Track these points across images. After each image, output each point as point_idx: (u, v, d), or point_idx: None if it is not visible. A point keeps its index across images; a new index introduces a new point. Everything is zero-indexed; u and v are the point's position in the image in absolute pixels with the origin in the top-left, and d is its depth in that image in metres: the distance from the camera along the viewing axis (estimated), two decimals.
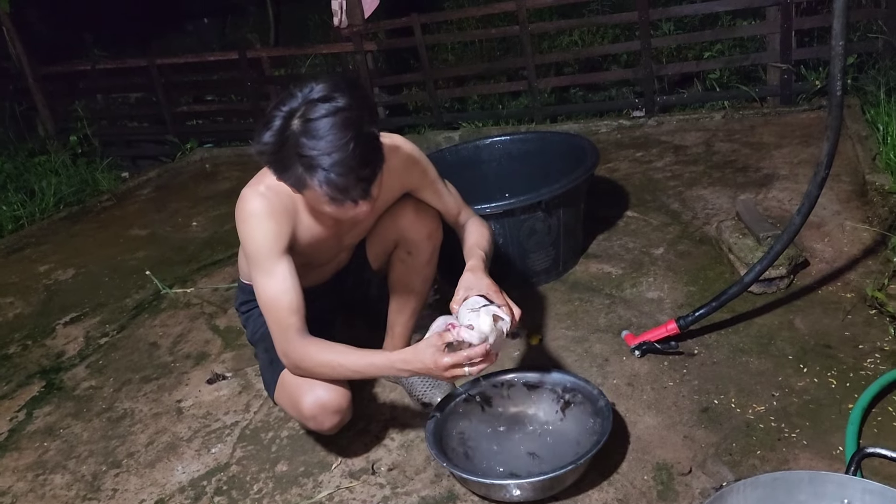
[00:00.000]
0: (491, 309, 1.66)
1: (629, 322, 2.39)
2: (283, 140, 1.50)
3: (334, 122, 1.48)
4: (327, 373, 1.78)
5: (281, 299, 1.73)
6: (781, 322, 2.25)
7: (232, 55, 5.46)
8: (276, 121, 1.51)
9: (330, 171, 1.48)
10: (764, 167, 3.39)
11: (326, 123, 1.48)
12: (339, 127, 1.48)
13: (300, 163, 1.50)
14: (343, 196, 1.53)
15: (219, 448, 2.16)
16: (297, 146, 1.49)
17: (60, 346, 2.98)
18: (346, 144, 1.48)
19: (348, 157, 1.48)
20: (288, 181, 1.57)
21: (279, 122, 1.51)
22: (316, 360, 1.75)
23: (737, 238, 2.55)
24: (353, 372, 1.76)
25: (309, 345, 1.75)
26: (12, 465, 2.27)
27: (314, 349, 1.75)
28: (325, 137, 1.47)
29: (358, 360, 1.73)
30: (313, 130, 1.48)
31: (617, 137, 4.30)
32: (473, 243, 1.95)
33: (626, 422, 1.95)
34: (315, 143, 1.47)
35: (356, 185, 1.52)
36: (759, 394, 1.97)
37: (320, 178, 1.49)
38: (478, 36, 5.51)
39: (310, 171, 1.50)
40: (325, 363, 1.75)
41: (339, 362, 1.74)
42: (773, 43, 4.16)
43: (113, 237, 4.17)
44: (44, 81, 6.04)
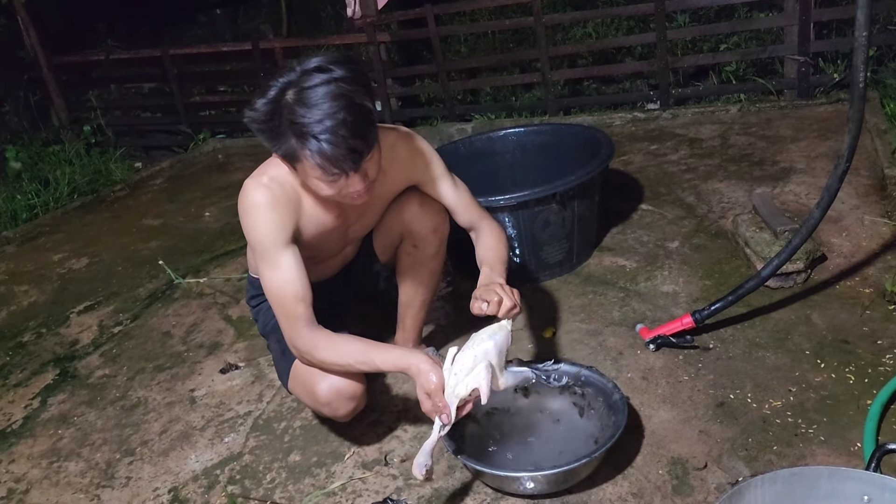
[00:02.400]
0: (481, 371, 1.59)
1: (643, 315, 2.38)
2: (276, 108, 1.51)
3: (328, 91, 1.48)
4: (335, 368, 1.79)
5: (286, 289, 1.73)
6: (798, 317, 2.22)
7: (245, 46, 5.46)
8: (271, 90, 1.52)
9: (321, 139, 1.47)
10: (781, 161, 3.35)
11: (320, 92, 1.48)
12: (332, 96, 1.48)
13: (292, 131, 1.50)
14: (333, 167, 1.51)
15: (232, 437, 2.16)
16: (289, 114, 1.49)
17: (74, 335, 2.99)
18: (338, 113, 1.47)
19: (339, 125, 1.48)
20: (280, 151, 1.57)
21: (274, 91, 1.52)
22: (323, 355, 1.75)
23: (753, 232, 2.53)
24: (360, 369, 1.77)
25: (318, 338, 1.74)
26: (27, 452, 2.29)
27: (322, 344, 1.74)
28: (318, 106, 1.47)
29: (363, 360, 1.72)
30: (306, 99, 1.48)
31: (631, 130, 4.26)
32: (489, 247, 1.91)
33: (640, 416, 1.93)
34: (307, 112, 1.47)
35: (347, 155, 1.51)
36: (776, 389, 1.95)
37: (311, 146, 1.49)
38: (491, 27, 5.48)
39: (301, 140, 1.50)
40: (332, 361, 1.75)
41: (347, 361, 1.74)
42: (790, 35, 4.11)
43: (126, 227, 4.18)
44: (58, 71, 6.06)
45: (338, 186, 1.59)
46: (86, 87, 6.28)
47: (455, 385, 1.59)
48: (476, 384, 1.57)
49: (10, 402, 2.59)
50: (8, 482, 2.16)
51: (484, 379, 1.56)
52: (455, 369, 1.60)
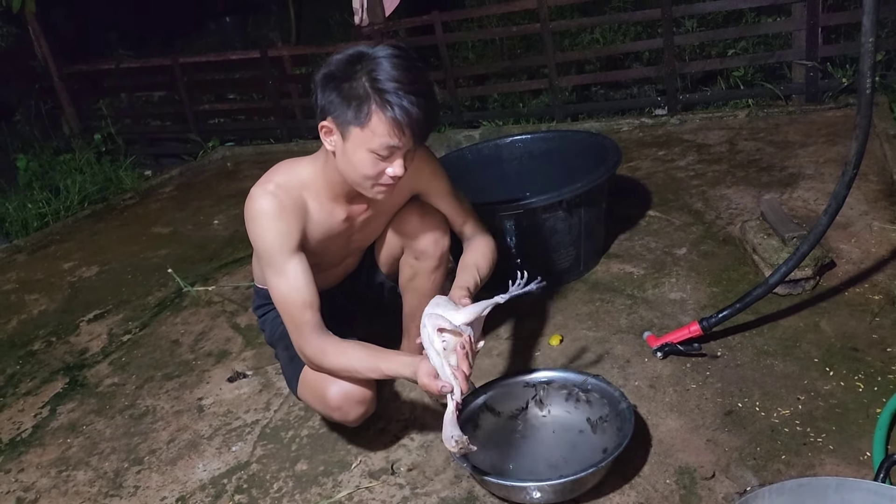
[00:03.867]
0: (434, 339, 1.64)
1: (651, 323, 2.37)
2: (356, 65, 1.54)
3: (407, 64, 1.56)
4: (343, 375, 1.81)
5: (294, 296, 1.74)
6: (807, 324, 2.21)
7: (254, 54, 5.49)
8: (347, 51, 1.57)
9: (403, 96, 1.52)
10: (789, 166, 3.34)
11: (399, 62, 1.55)
12: (411, 69, 1.56)
13: (371, 87, 1.53)
14: (409, 126, 1.55)
15: (239, 446, 2.17)
16: (372, 71, 1.53)
17: (84, 343, 3.01)
18: (418, 82, 1.55)
19: (420, 91, 1.54)
20: (346, 111, 1.56)
21: (353, 51, 1.57)
22: (332, 360, 1.77)
23: (761, 238, 2.51)
24: (367, 376, 1.78)
25: (326, 344, 1.76)
26: (36, 460, 2.30)
27: (330, 350, 1.76)
28: (399, 71, 1.53)
29: (369, 367, 1.75)
30: (386, 64, 1.54)
31: (639, 136, 4.26)
32: (471, 263, 1.95)
33: (647, 424, 1.92)
34: (389, 73, 1.53)
35: (423, 119, 1.56)
36: (784, 397, 1.93)
37: (393, 100, 1.52)
38: (498, 34, 5.48)
39: (381, 95, 1.53)
40: (341, 367, 1.78)
41: (355, 367, 1.76)
42: (798, 40, 4.09)
43: (136, 235, 4.20)
44: (69, 80, 6.12)
45: (384, 163, 1.62)
46: (96, 96, 6.34)
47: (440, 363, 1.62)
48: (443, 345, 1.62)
49: (19, 410, 2.60)
50: (17, 491, 2.17)
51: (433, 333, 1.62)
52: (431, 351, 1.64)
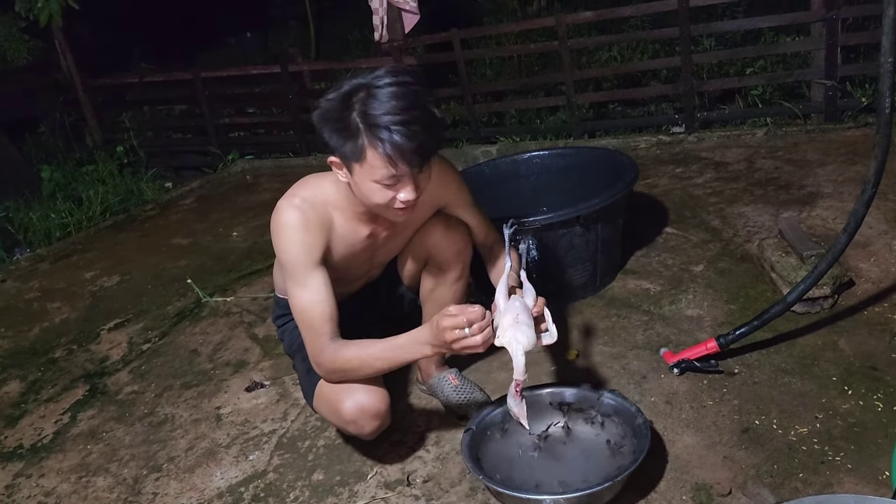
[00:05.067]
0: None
1: (667, 339, 2.37)
2: (348, 102, 1.57)
3: (402, 92, 1.56)
4: (357, 367, 1.78)
5: (314, 310, 1.76)
6: (825, 343, 2.20)
7: (274, 69, 5.56)
8: (343, 87, 1.59)
9: (393, 129, 1.53)
10: (808, 185, 3.33)
11: (393, 92, 1.56)
12: (406, 97, 1.56)
13: (363, 122, 1.55)
14: (401, 159, 1.56)
15: (256, 455, 2.19)
16: (362, 106, 1.55)
17: (104, 352, 3.05)
18: (412, 110, 1.55)
19: (412, 120, 1.55)
20: (343, 147, 1.60)
21: (347, 87, 1.59)
22: (343, 356, 1.76)
23: (779, 256, 2.51)
24: (381, 360, 1.75)
25: (338, 347, 1.77)
26: (57, 466, 2.33)
27: (341, 348, 1.77)
28: (391, 102, 1.55)
29: (382, 346, 1.74)
30: (380, 96, 1.55)
31: (656, 153, 4.27)
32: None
33: (664, 440, 1.92)
34: (381, 105, 1.55)
35: (417, 149, 1.56)
36: (802, 415, 1.93)
37: (383, 136, 1.54)
38: (516, 51, 5.52)
39: (372, 131, 1.54)
40: (353, 356, 1.76)
41: (367, 352, 1.75)
42: (817, 59, 4.10)
43: (156, 245, 4.26)
44: (93, 93, 6.23)
45: (392, 191, 1.63)
46: (119, 109, 6.44)
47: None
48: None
49: (41, 416, 2.64)
50: (38, 496, 2.20)
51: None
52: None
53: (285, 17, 9.30)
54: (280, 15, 9.40)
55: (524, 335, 1.62)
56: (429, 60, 5.42)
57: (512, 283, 1.86)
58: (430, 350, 1.69)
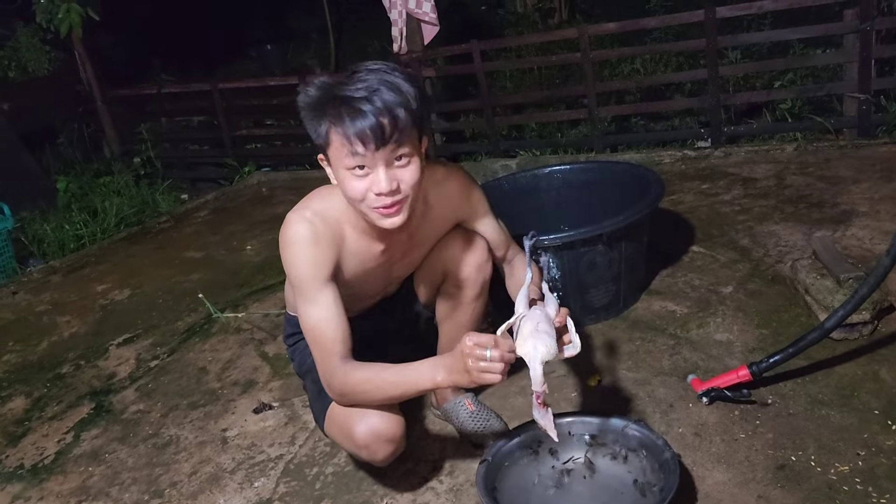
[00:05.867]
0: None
1: (695, 365, 2.25)
2: (326, 90, 1.51)
3: (374, 69, 1.51)
4: (369, 391, 1.67)
5: (324, 327, 1.66)
6: (865, 372, 2.07)
7: (292, 80, 5.52)
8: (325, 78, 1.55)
9: (351, 103, 1.46)
10: (841, 203, 3.20)
11: (365, 74, 1.50)
12: (377, 73, 1.49)
13: (332, 104, 1.48)
14: (358, 138, 1.46)
15: (262, 482, 2.09)
16: (334, 89, 1.50)
17: (112, 368, 2.97)
18: (376, 87, 1.47)
19: (373, 95, 1.46)
20: (315, 134, 1.55)
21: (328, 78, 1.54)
22: (355, 378, 1.65)
23: (814, 279, 2.38)
24: (393, 384, 1.64)
25: (350, 369, 1.67)
26: (56, 489, 2.25)
27: (353, 370, 1.67)
28: (358, 83, 1.48)
29: (397, 370, 1.63)
30: (355, 77, 1.50)
31: (681, 168, 4.14)
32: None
33: (693, 476, 1.80)
34: (348, 83, 1.49)
35: (374, 126, 1.45)
36: (842, 452, 1.80)
37: (341, 110, 1.47)
38: (537, 63, 5.45)
39: (333, 106, 1.48)
40: (365, 379, 1.65)
41: (380, 376, 1.64)
42: (850, 72, 3.97)
43: (169, 258, 4.20)
44: (111, 104, 6.23)
45: (365, 182, 1.54)
46: (138, 120, 6.43)
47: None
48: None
49: (44, 435, 2.56)
50: None
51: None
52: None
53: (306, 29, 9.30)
54: (301, 28, 9.40)
55: (544, 344, 1.52)
56: (448, 72, 5.35)
57: (533, 297, 1.76)
58: (443, 375, 1.58)
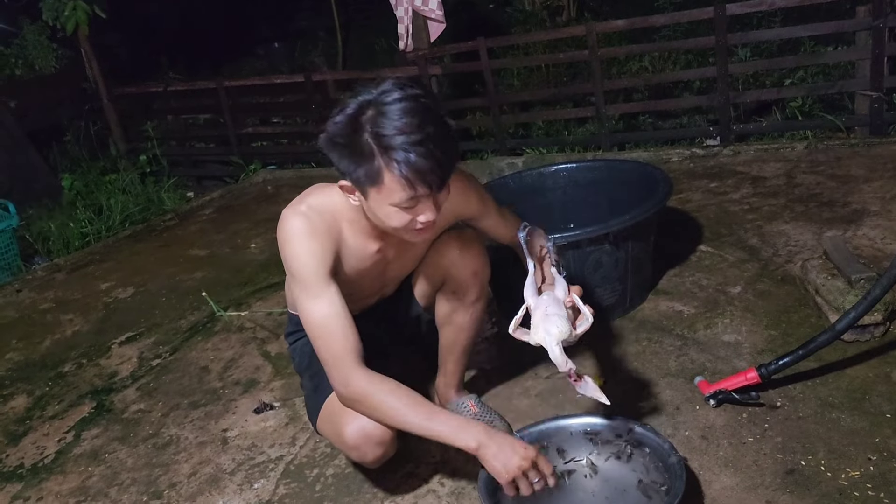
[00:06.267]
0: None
1: (703, 367, 2.20)
2: (357, 123, 1.44)
3: (413, 108, 1.44)
4: (385, 419, 1.63)
5: (331, 322, 1.62)
6: (877, 375, 2.02)
7: (297, 78, 5.50)
8: (349, 107, 1.46)
9: (410, 150, 1.41)
10: (852, 202, 3.14)
11: (404, 107, 1.43)
12: (417, 111, 1.44)
13: (376, 144, 1.43)
14: (420, 181, 1.44)
15: (261, 484, 2.06)
16: (373, 127, 1.43)
17: (114, 367, 2.96)
18: (425, 126, 1.43)
19: (428, 138, 1.43)
20: (356, 172, 1.47)
21: (353, 107, 1.46)
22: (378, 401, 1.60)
23: (825, 279, 2.33)
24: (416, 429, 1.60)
25: (373, 384, 1.60)
26: (56, 489, 2.23)
27: (378, 388, 1.60)
28: (403, 119, 1.42)
29: (424, 424, 1.58)
30: (390, 113, 1.43)
31: (689, 167, 4.09)
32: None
33: (699, 480, 1.76)
34: (393, 124, 1.42)
35: (435, 168, 1.44)
36: (853, 456, 1.75)
37: (399, 157, 1.41)
38: (544, 61, 5.40)
39: (387, 153, 1.42)
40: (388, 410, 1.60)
41: (406, 418, 1.59)
42: (862, 70, 3.90)
43: (173, 256, 4.18)
44: (117, 102, 6.21)
45: (411, 213, 1.51)
46: (144, 118, 6.41)
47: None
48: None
49: (44, 434, 2.55)
50: None
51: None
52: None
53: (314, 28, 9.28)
54: (309, 26, 9.38)
55: (555, 325, 1.55)
56: (455, 70, 5.31)
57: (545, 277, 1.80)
58: (475, 446, 1.55)
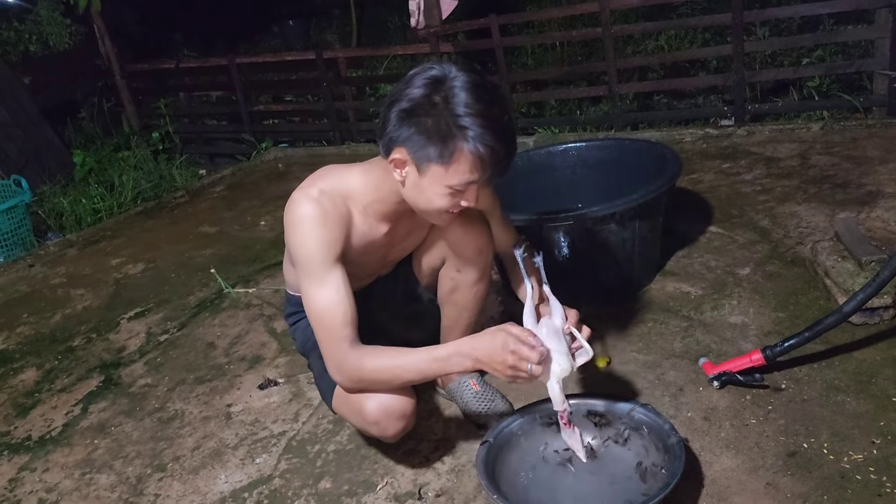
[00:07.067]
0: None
1: (708, 348, 2.19)
2: (433, 100, 1.45)
3: (488, 93, 1.47)
4: (387, 379, 1.65)
5: (333, 311, 1.62)
6: (885, 358, 1.99)
7: (309, 55, 5.46)
8: (418, 81, 1.47)
9: (486, 132, 1.44)
10: (867, 183, 3.09)
11: (479, 92, 1.45)
12: (494, 97, 1.48)
13: (454, 124, 1.43)
14: (492, 164, 1.47)
15: (263, 458, 2.08)
16: (451, 105, 1.44)
17: (122, 342, 2.98)
18: (502, 114, 1.48)
19: (504, 124, 1.48)
20: (427, 148, 1.47)
21: (425, 81, 1.47)
22: (370, 367, 1.62)
23: (835, 261, 2.30)
24: (415, 372, 1.62)
25: (364, 353, 1.63)
26: (62, 461, 2.25)
27: (369, 356, 1.62)
28: (481, 103, 1.44)
29: (419, 357, 1.60)
30: (467, 95, 1.44)
31: (702, 147, 4.04)
32: None
33: (700, 461, 1.75)
34: (472, 105, 1.44)
35: (509, 154, 1.50)
36: (857, 440, 1.73)
37: (476, 137, 1.43)
38: (556, 38, 5.34)
39: (464, 132, 1.44)
40: (382, 367, 1.62)
41: (399, 363, 1.61)
42: (881, 49, 3.82)
43: (183, 233, 4.20)
44: (130, 79, 6.21)
45: (459, 197, 1.54)
46: (157, 95, 6.42)
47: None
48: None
49: (52, 407, 2.58)
50: (39, 492, 2.12)
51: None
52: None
53: (328, 5, 9.23)
54: (323, 4, 9.33)
55: (556, 363, 1.56)
56: (467, 48, 5.26)
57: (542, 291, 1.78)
58: (471, 364, 1.56)
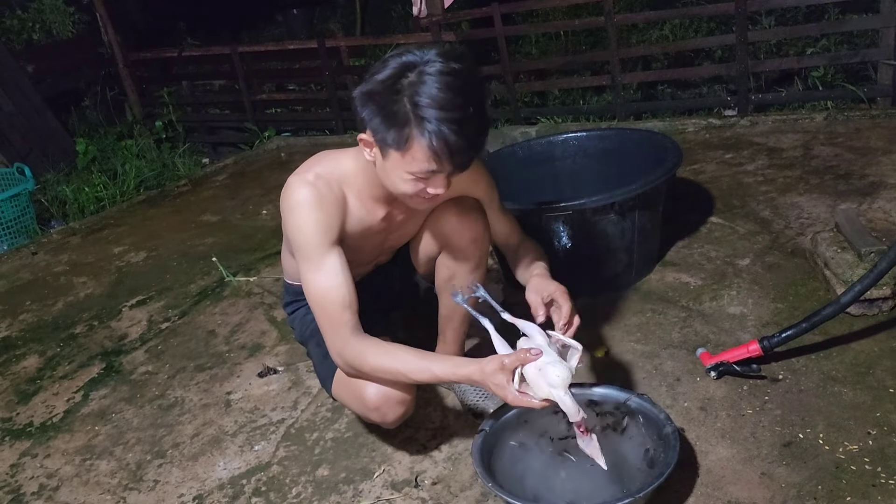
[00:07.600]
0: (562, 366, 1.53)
1: (706, 339, 2.19)
2: (397, 85, 1.42)
3: (456, 83, 1.42)
4: (385, 378, 1.67)
5: (332, 294, 1.63)
6: (882, 349, 1.99)
7: (311, 44, 5.44)
8: (389, 66, 1.44)
9: (445, 126, 1.40)
10: (870, 174, 3.07)
11: (448, 81, 1.41)
12: (461, 88, 1.42)
13: (413, 112, 1.41)
14: (448, 158, 1.44)
15: (262, 446, 2.09)
16: (414, 93, 1.41)
17: (124, 329, 2.99)
18: (466, 106, 1.42)
19: (465, 118, 1.42)
20: (386, 133, 1.45)
21: (394, 66, 1.44)
22: (373, 364, 1.63)
23: (835, 252, 2.30)
24: (413, 381, 1.67)
25: (366, 346, 1.64)
26: (63, 447, 2.27)
27: (372, 352, 1.63)
28: (446, 93, 1.40)
29: (419, 369, 1.61)
30: (432, 83, 1.41)
31: (705, 137, 4.02)
32: (536, 258, 1.89)
33: (695, 451, 1.76)
34: (435, 95, 1.40)
35: (466, 150, 1.45)
36: (853, 430, 1.74)
37: (432, 128, 1.41)
38: (559, 27, 5.30)
39: (421, 123, 1.41)
40: (384, 369, 1.63)
41: (399, 369, 1.62)
42: (887, 38, 3.79)
43: (185, 222, 4.21)
44: (133, 67, 6.19)
45: (423, 184, 1.52)
46: (160, 84, 6.40)
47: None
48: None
49: (54, 394, 2.59)
50: (40, 477, 2.14)
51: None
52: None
53: None
54: None
55: (554, 374, 1.49)
56: (470, 37, 5.23)
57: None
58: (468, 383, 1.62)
